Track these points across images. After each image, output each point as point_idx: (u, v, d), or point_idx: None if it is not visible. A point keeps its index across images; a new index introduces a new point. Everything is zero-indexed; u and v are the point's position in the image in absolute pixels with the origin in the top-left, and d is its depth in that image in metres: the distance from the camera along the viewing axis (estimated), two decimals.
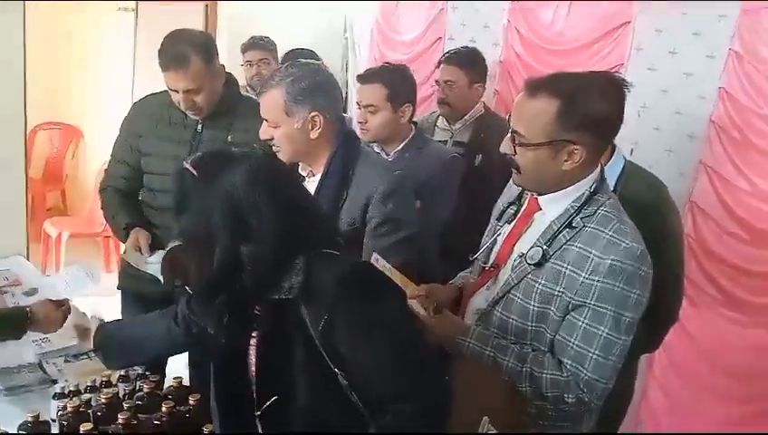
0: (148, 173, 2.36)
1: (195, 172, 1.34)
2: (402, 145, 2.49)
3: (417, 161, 2.44)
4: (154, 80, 2.75)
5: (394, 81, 2.44)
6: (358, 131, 2.42)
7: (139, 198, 2.46)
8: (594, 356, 1.45)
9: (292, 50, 3.43)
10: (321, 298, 1.30)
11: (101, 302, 2.55)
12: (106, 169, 2.50)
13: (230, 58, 4.37)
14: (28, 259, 3.01)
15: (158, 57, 2.18)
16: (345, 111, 3.39)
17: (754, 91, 2.69)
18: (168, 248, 2.12)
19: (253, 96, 2.52)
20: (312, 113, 1.87)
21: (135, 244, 2.23)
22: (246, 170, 1.32)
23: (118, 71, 5.26)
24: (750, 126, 2.70)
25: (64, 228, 4.59)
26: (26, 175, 3.17)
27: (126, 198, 2.41)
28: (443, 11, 3.81)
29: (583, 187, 1.53)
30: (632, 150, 3.08)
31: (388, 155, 2.50)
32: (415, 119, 2.61)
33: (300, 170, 2.00)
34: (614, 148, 2.05)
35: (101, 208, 2.50)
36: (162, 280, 2.12)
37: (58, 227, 4.69)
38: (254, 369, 1.45)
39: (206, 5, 4.54)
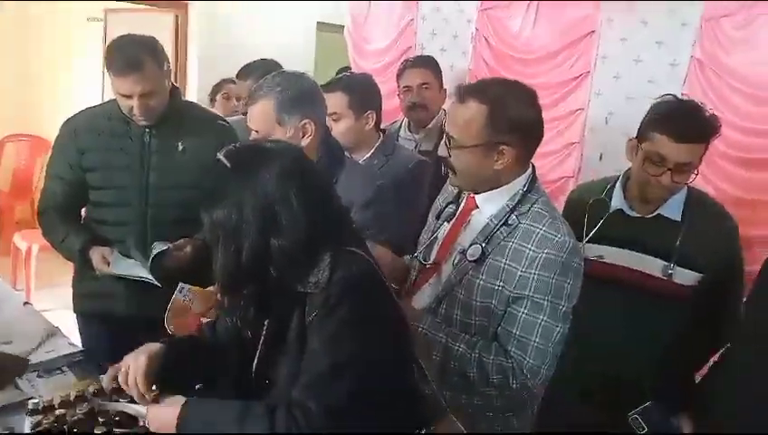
0: (98, 188, 2.27)
1: (228, 164, 1.34)
2: (370, 153, 2.50)
3: (386, 168, 2.46)
4: None
5: (355, 88, 2.45)
6: None
7: (85, 215, 2.36)
8: (535, 343, 1.53)
9: (255, 61, 3.32)
10: (322, 293, 1.32)
11: (65, 315, 2.52)
12: (42, 190, 2.36)
13: (200, 69, 4.40)
14: None
15: (109, 64, 2.12)
16: None
17: (716, 97, 2.79)
18: (156, 251, 2.11)
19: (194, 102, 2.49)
20: (303, 121, 1.91)
21: (103, 261, 2.16)
22: (280, 164, 1.32)
23: (87, 81, 5.22)
24: None
25: (34, 241, 4.51)
26: None
27: (70, 217, 2.31)
28: (413, 20, 3.86)
29: (517, 186, 1.62)
30: (601, 156, 3.17)
31: None
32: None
33: None
34: None
35: (44, 233, 2.33)
36: (156, 281, 2.10)
37: (27, 241, 4.61)
38: (257, 358, 1.47)
39: (176, 16, 4.52)
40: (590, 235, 2.02)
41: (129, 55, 2.09)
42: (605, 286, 1.71)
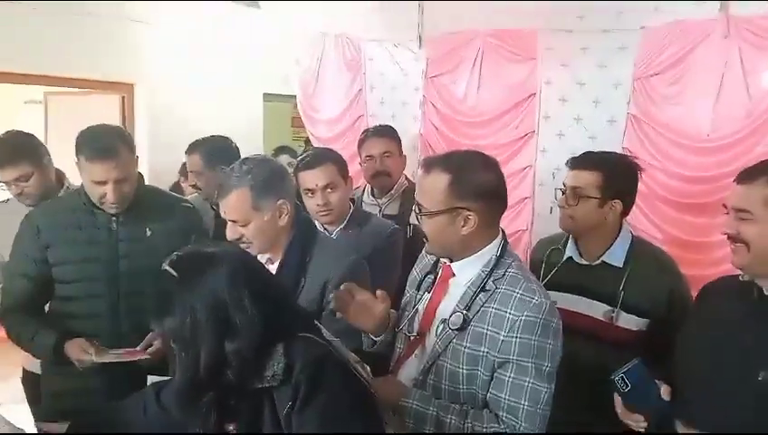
0: (66, 283, 2.21)
1: (175, 273, 1.34)
2: (344, 223, 2.54)
3: (360, 237, 2.49)
4: (67, 171, 2.72)
5: (340, 160, 2.53)
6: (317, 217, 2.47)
7: (49, 310, 2.30)
8: (525, 406, 1.57)
9: (206, 138, 3.33)
10: (289, 382, 1.33)
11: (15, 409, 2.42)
12: (4, 290, 2.30)
13: (149, 148, 4.38)
14: None
15: (83, 150, 2.12)
16: None
17: (654, 149, 3.01)
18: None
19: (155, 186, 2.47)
20: (279, 202, 1.93)
21: (84, 352, 2.08)
22: (228, 269, 1.34)
23: None
24: (653, 179, 2.99)
25: None
26: None
27: (38, 315, 2.25)
28: (362, 91, 4.00)
29: (490, 252, 1.68)
30: (551, 209, 3.32)
31: (330, 234, 2.54)
32: None
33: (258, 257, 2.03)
34: (621, 225, 2.19)
35: (9, 333, 2.24)
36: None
37: None
38: None
39: (123, 97, 4.51)
40: (545, 281, 2.16)
41: (104, 142, 2.11)
42: None
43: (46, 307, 2.32)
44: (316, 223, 2.54)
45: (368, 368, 1.75)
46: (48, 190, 2.59)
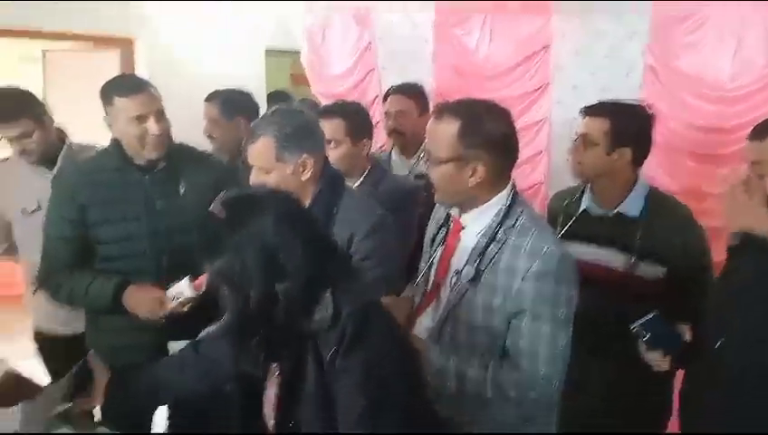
0: (105, 243, 2.17)
1: (222, 216, 1.35)
2: (361, 179, 2.53)
3: (376, 195, 2.46)
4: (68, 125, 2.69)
5: (352, 116, 2.49)
6: None
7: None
8: (544, 352, 1.58)
9: (226, 89, 3.23)
10: (335, 328, 1.35)
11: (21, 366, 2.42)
12: (44, 255, 2.23)
13: None
14: None
15: (117, 90, 2.08)
16: None
17: (670, 98, 3.00)
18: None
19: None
20: (303, 157, 1.92)
21: (152, 294, 2.06)
22: (275, 211, 1.36)
23: None
24: (670, 130, 2.99)
25: None
26: None
27: (87, 270, 2.18)
28: (371, 44, 3.94)
29: (499, 203, 1.66)
30: (568, 160, 3.33)
31: None
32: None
33: None
34: (636, 176, 2.18)
35: (58, 296, 2.21)
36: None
37: None
38: (274, 401, 1.47)
39: (122, 52, 4.42)
40: (561, 233, 2.18)
41: (136, 78, 2.15)
42: None
43: None
44: None
45: None
46: (50, 147, 2.53)
